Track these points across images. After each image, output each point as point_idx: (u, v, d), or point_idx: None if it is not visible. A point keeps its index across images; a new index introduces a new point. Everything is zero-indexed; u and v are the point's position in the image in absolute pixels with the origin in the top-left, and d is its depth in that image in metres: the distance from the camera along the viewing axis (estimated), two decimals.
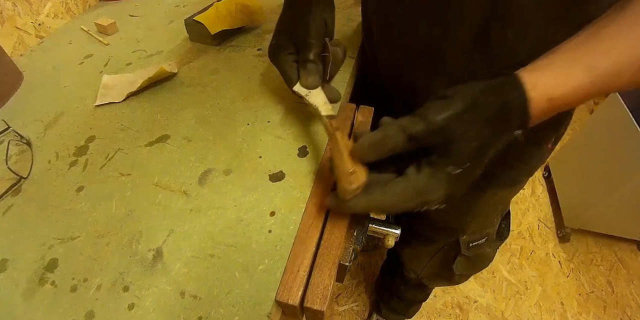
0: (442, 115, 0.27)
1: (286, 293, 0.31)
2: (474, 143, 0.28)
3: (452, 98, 0.28)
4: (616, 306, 1.18)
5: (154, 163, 0.42)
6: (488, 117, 0.27)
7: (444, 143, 0.28)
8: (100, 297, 0.32)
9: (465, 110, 0.28)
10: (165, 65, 0.52)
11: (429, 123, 0.28)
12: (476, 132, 0.28)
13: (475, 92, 0.28)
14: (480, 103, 0.28)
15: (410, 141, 0.28)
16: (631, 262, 1.29)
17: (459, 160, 0.28)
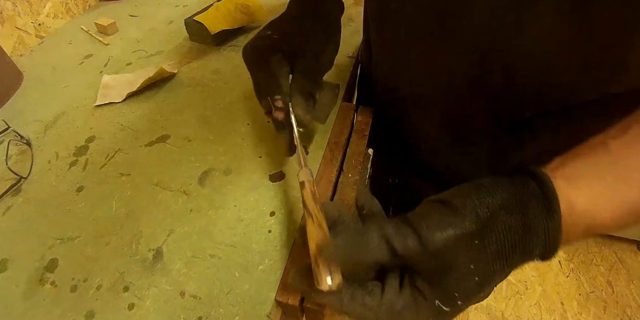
0: (443, 235, 0.21)
1: (286, 293, 0.31)
2: (475, 278, 0.21)
3: (459, 210, 0.21)
4: (616, 306, 1.18)
5: (154, 163, 0.42)
6: (503, 248, 0.21)
7: (438, 271, 0.21)
8: (100, 297, 0.32)
9: (475, 234, 0.21)
10: (165, 65, 0.52)
11: (424, 243, 0.21)
12: (483, 266, 0.21)
13: (493, 209, 0.21)
14: (497, 227, 0.21)
15: (394, 258, 0.22)
16: (631, 262, 1.29)
17: (451, 297, 0.21)
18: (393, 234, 0.22)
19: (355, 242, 0.23)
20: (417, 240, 0.21)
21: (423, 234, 0.21)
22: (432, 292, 0.22)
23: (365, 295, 0.23)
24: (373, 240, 0.22)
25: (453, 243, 0.21)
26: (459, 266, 0.21)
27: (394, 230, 0.22)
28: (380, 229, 0.23)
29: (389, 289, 0.23)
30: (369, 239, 0.22)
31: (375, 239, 0.22)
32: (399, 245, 0.22)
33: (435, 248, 0.21)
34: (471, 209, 0.21)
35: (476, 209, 0.21)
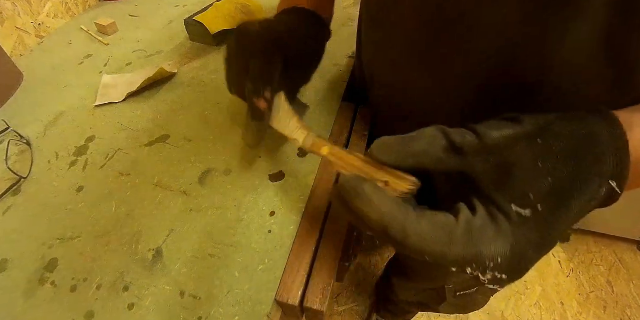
0: (502, 133, 0.20)
1: (286, 293, 0.31)
2: (548, 178, 0.19)
3: (518, 119, 0.21)
4: (616, 306, 1.18)
5: (154, 163, 0.42)
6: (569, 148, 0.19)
7: (501, 170, 0.19)
8: (100, 297, 0.32)
9: (536, 134, 0.19)
10: (165, 65, 0.52)
11: (483, 136, 0.20)
12: (553, 166, 0.19)
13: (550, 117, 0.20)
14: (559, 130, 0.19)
15: (450, 154, 0.20)
16: (631, 262, 1.29)
17: (526, 198, 0.18)
18: (451, 130, 0.21)
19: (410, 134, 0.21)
20: (475, 136, 0.20)
21: (480, 131, 0.20)
22: (505, 197, 0.19)
23: (437, 213, 0.19)
24: (429, 131, 0.21)
25: (513, 140, 0.19)
26: (523, 162, 0.19)
27: (452, 129, 0.21)
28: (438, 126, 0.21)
29: (463, 210, 0.19)
30: (426, 130, 0.21)
31: (431, 130, 0.21)
32: (457, 138, 0.20)
33: (494, 142, 0.19)
34: (530, 119, 0.20)
35: (534, 119, 0.20)
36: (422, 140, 0.20)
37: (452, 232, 0.18)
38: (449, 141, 0.20)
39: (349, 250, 0.37)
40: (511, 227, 0.18)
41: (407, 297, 0.80)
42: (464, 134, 0.20)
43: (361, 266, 1.29)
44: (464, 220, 0.19)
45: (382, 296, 1.07)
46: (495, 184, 0.19)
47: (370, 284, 1.24)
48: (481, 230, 0.18)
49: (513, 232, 0.18)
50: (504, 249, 0.18)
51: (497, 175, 0.19)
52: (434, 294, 0.67)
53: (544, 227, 0.19)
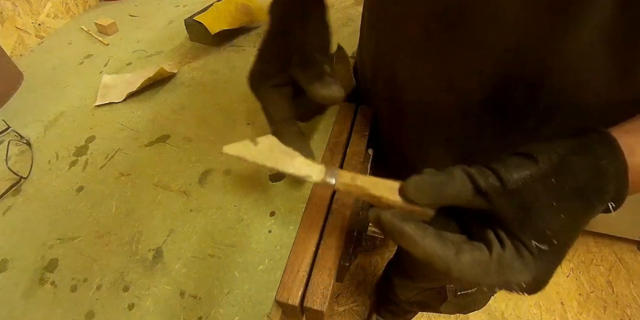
0: (521, 175, 0.22)
1: (286, 293, 0.31)
2: (561, 215, 0.22)
3: (531, 156, 0.23)
4: (616, 306, 1.18)
5: (154, 163, 0.42)
6: (580, 187, 0.22)
7: (522, 210, 0.22)
8: (100, 297, 0.32)
9: (551, 174, 0.22)
10: (165, 65, 0.52)
11: (505, 180, 0.22)
12: (566, 204, 0.22)
13: (564, 151, 0.23)
14: (570, 167, 0.22)
15: (477, 196, 0.23)
16: (631, 262, 1.29)
17: (544, 235, 0.22)
18: (476, 173, 0.23)
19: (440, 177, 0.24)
20: (496, 178, 0.22)
21: (502, 174, 0.22)
22: (526, 235, 0.22)
23: (475, 250, 0.22)
24: (458, 174, 0.23)
25: (531, 182, 0.22)
26: (541, 203, 0.22)
27: (476, 170, 0.23)
28: (463, 168, 0.24)
29: (494, 243, 0.23)
30: (455, 173, 0.23)
31: (460, 174, 0.23)
32: (482, 182, 0.22)
33: (515, 185, 0.22)
34: (543, 154, 0.23)
35: (548, 154, 0.23)
36: (454, 185, 0.23)
37: (487, 267, 0.22)
38: (475, 185, 0.23)
39: (349, 250, 0.37)
40: (533, 259, 0.22)
41: (408, 297, 0.80)
42: (487, 177, 0.23)
43: (361, 266, 1.29)
44: (496, 256, 0.22)
45: (382, 296, 1.07)
46: (518, 223, 0.22)
47: (370, 284, 1.24)
48: (510, 263, 0.22)
49: (534, 263, 0.22)
50: (528, 277, 0.22)
51: (519, 215, 0.22)
52: (435, 294, 0.67)
53: (559, 256, 0.22)
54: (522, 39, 0.27)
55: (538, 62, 0.28)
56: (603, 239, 1.34)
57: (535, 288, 0.22)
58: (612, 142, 0.23)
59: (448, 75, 0.33)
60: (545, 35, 0.26)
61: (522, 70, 0.29)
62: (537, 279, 0.22)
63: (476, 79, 0.31)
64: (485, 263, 0.22)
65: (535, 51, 0.27)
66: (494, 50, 0.29)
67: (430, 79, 0.35)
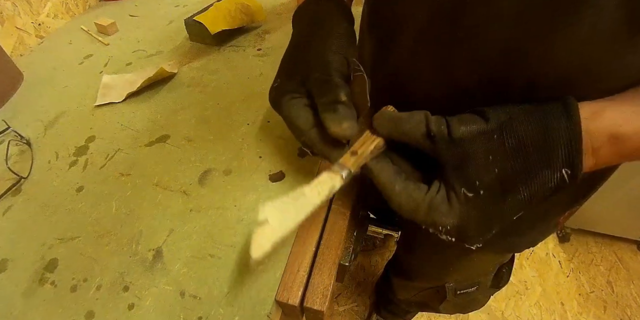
0: (467, 128, 0.24)
1: (286, 293, 0.31)
2: (494, 169, 0.24)
3: (487, 114, 0.25)
4: (616, 306, 1.18)
5: (154, 163, 0.42)
6: (521, 144, 0.23)
7: (460, 160, 0.25)
8: (100, 297, 0.32)
9: (495, 130, 0.24)
10: (165, 65, 0.52)
11: (451, 131, 0.25)
12: (501, 159, 0.23)
13: (515, 111, 0.24)
14: (516, 126, 0.23)
15: (426, 139, 0.26)
16: (631, 262, 1.29)
17: (473, 185, 0.24)
18: (433, 119, 0.26)
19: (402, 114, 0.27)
20: (447, 128, 0.25)
21: (452, 124, 0.25)
22: (458, 181, 0.25)
23: (416, 189, 0.26)
24: (417, 116, 0.26)
25: (474, 135, 0.24)
26: (477, 156, 0.24)
27: (434, 118, 0.26)
28: (426, 113, 0.27)
29: (432, 188, 0.26)
30: (415, 114, 0.27)
31: (419, 116, 0.26)
32: (434, 128, 0.25)
33: (459, 135, 0.24)
34: (497, 113, 0.24)
35: (501, 113, 0.24)
36: (410, 123, 0.26)
37: (418, 204, 0.26)
38: (428, 129, 0.25)
39: (348, 250, 0.37)
40: (459, 205, 0.25)
41: (407, 297, 0.80)
42: (440, 124, 0.25)
43: (361, 266, 1.29)
44: (428, 197, 0.25)
45: (382, 296, 1.07)
46: (453, 171, 0.25)
47: (370, 284, 1.24)
48: (438, 206, 0.25)
49: (459, 209, 0.25)
50: (452, 221, 0.25)
51: (456, 163, 0.25)
52: (434, 293, 0.67)
53: (485, 207, 0.25)
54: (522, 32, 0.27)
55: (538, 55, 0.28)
56: (603, 239, 1.34)
57: (459, 233, 0.26)
58: (568, 105, 0.23)
59: (448, 69, 0.33)
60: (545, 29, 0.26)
61: (522, 63, 0.29)
62: (460, 224, 0.25)
63: (477, 73, 0.31)
64: (418, 201, 0.25)
65: (535, 44, 0.27)
66: (494, 44, 0.29)
67: (431, 74, 0.35)
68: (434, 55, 0.33)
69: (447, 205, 0.25)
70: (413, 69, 0.37)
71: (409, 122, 0.26)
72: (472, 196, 0.24)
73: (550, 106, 0.24)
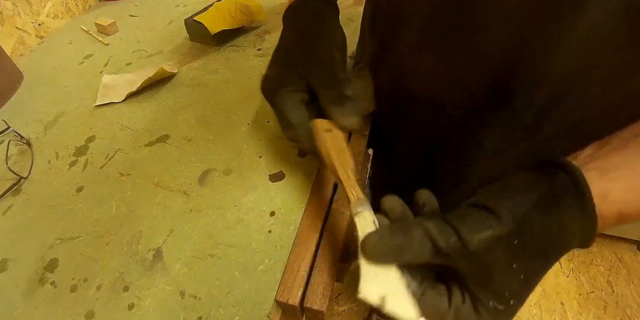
0: (482, 236, 0.21)
1: (286, 293, 0.31)
2: (520, 276, 0.22)
3: (494, 212, 0.22)
4: (616, 306, 1.18)
5: (154, 163, 0.42)
6: (542, 246, 0.22)
7: (483, 272, 0.22)
8: (100, 297, 0.32)
9: (513, 235, 0.21)
10: (165, 65, 0.52)
11: (465, 242, 0.21)
12: (526, 265, 0.22)
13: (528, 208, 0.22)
14: (533, 227, 0.22)
15: (437, 256, 0.22)
16: (631, 262, 1.29)
17: (502, 296, 0.22)
18: (436, 232, 0.22)
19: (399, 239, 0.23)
20: (458, 239, 0.21)
21: (463, 234, 0.21)
22: (485, 295, 0.22)
23: (437, 297, 0.23)
24: (417, 236, 0.22)
25: (492, 244, 0.21)
26: (502, 266, 0.21)
27: (436, 228, 0.22)
28: (422, 226, 0.23)
29: (456, 296, 0.23)
30: (414, 234, 0.22)
31: (419, 235, 0.22)
32: (442, 243, 0.22)
33: (475, 249, 0.21)
34: (506, 210, 0.22)
35: (511, 209, 0.22)
36: (413, 248, 0.22)
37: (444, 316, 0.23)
38: (436, 247, 0.22)
39: (349, 250, 0.37)
40: (489, 317, 0.22)
41: None
42: (448, 237, 0.22)
43: None
44: (454, 308, 0.23)
45: None
46: (477, 284, 0.22)
47: None
48: (466, 318, 0.23)
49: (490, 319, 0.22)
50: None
51: (479, 276, 0.22)
52: None
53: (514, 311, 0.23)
54: (526, 27, 0.27)
55: (542, 51, 0.27)
56: (603, 239, 1.34)
57: None
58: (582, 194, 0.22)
59: (452, 66, 0.33)
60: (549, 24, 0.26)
61: (526, 58, 0.28)
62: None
63: (480, 69, 0.31)
64: (443, 312, 0.23)
65: (538, 39, 0.27)
66: (497, 41, 0.28)
67: (434, 71, 0.34)
68: (436, 52, 0.33)
69: (476, 316, 0.23)
70: (415, 66, 0.36)
71: (410, 248, 0.22)
72: (502, 308, 0.22)
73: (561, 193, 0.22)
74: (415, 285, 0.23)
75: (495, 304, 0.22)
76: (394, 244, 0.22)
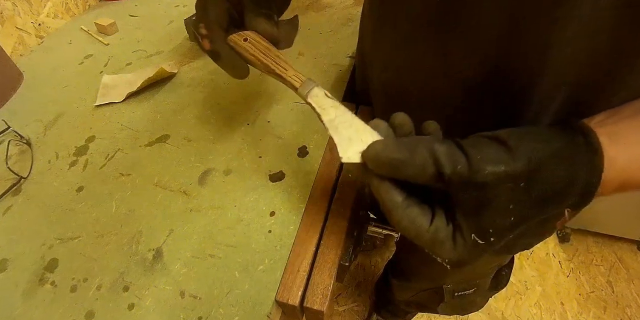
0: (494, 169, 0.21)
1: (286, 293, 0.31)
2: (511, 218, 0.22)
3: (513, 151, 0.21)
4: (616, 306, 1.18)
5: (154, 163, 0.42)
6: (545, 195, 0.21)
7: (477, 204, 0.22)
8: (100, 297, 0.32)
9: (523, 177, 0.21)
10: (165, 65, 0.52)
11: (474, 171, 0.21)
12: (522, 208, 0.21)
13: (545, 156, 0.21)
14: (545, 174, 0.21)
15: (437, 181, 0.22)
16: (631, 262, 1.29)
17: (486, 232, 0.22)
18: (444, 155, 0.21)
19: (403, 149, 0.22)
20: (467, 168, 0.21)
21: (474, 163, 0.21)
22: (469, 226, 0.22)
23: (419, 215, 0.23)
24: (420, 155, 0.21)
25: (500, 180, 0.21)
26: (499, 203, 0.21)
27: (446, 151, 0.21)
28: (431, 146, 0.22)
29: (439, 218, 0.23)
30: (418, 152, 0.22)
31: (423, 155, 0.21)
32: (448, 169, 0.21)
33: (483, 180, 0.21)
34: (525, 151, 0.21)
35: (529, 153, 0.21)
36: (413, 166, 0.22)
37: (421, 233, 0.23)
38: (438, 170, 0.21)
39: (349, 250, 0.37)
40: (464, 246, 0.23)
41: (405, 297, 0.80)
42: (456, 163, 0.21)
43: (361, 266, 1.29)
44: (433, 228, 0.23)
45: (382, 296, 1.07)
46: (467, 214, 0.22)
47: (371, 284, 1.24)
48: (442, 241, 0.23)
49: (463, 250, 0.23)
50: (452, 257, 0.23)
51: (471, 207, 0.22)
52: (433, 295, 0.67)
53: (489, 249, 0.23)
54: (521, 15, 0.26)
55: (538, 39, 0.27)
56: (603, 239, 1.34)
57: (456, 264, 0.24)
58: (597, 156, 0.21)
59: (446, 58, 0.32)
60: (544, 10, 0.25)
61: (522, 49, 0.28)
62: (460, 261, 0.24)
63: (475, 61, 0.30)
64: (421, 230, 0.23)
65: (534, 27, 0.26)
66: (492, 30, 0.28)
67: (428, 64, 0.34)
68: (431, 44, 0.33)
69: (452, 243, 0.23)
70: (409, 58, 0.36)
71: (412, 164, 0.22)
72: (481, 243, 0.22)
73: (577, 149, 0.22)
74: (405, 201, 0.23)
75: (476, 238, 0.22)
76: (395, 157, 0.22)
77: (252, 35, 0.31)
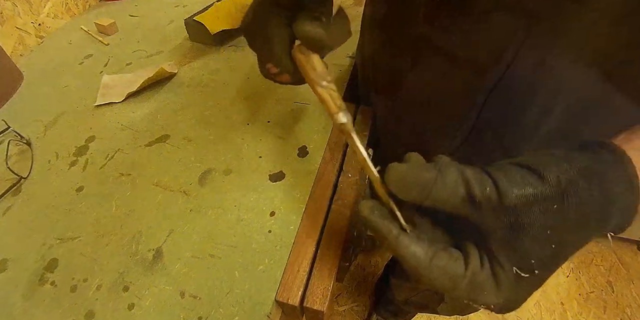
0: (521, 193, 0.19)
1: (286, 293, 0.31)
2: (552, 246, 0.20)
3: (540, 172, 0.20)
4: (616, 306, 1.18)
5: (154, 163, 0.42)
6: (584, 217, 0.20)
7: (512, 232, 0.20)
8: (100, 297, 0.32)
9: (555, 198, 0.19)
10: (165, 65, 0.52)
11: (502, 194, 0.19)
12: (560, 235, 0.20)
13: (575, 175, 0.20)
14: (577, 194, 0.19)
15: (467, 205, 0.20)
16: (631, 262, 1.29)
17: (528, 264, 0.20)
18: (472, 177, 0.20)
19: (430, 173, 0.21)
20: (495, 191, 0.19)
21: (501, 185, 0.19)
22: (509, 258, 0.20)
23: (450, 261, 0.21)
24: (451, 175, 0.20)
25: (531, 202, 0.19)
26: (534, 229, 0.19)
27: (473, 175, 0.20)
28: (458, 167, 0.21)
29: (473, 260, 0.21)
30: (447, 172, 0.20)
31: (453, 175, 0.20)
32: (478, 191, 0.20)
33: (512, 202, 0.19)
34: (553, 172, 0.20)
35: (558, 173, 0.20)
36: (445, 187, 0.20)
37: (458, 281, 0.20)
38: (469, 192, 0.20)
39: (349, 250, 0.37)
40: (508, 285, 0.20)
41: (405, 297, 0.80)
42: (484, 186, 0.20)
43: (361, 266, 1.29)
44: (470, 273, 0.20)
45: (382, 296, 1.07)
46: (502, 245, 0.20)
47: (371, 284, 1.24)
48: (483, 284, 0.20)
49: (509, 289, 0.20)
50: (498, 300, 0.21)
51: (506, 236, 0.20)
52: (432, 295, 0.67)
53: (537, 284, 0.21)
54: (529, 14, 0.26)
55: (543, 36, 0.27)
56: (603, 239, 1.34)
57: (504, 309, 0.21)
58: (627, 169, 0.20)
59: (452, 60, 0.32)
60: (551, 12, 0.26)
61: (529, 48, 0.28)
62: (508, 303, 0.21)
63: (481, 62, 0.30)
64: (457, 277, 0.21)
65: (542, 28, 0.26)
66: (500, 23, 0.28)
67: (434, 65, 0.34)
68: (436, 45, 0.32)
69: (494, 283, 0.20)
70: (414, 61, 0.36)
71: (443, 188, 0.20)
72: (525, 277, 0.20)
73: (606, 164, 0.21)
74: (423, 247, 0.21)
75: (518, 271, 0.20)
76: (424, 177, 0.20)
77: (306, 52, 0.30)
